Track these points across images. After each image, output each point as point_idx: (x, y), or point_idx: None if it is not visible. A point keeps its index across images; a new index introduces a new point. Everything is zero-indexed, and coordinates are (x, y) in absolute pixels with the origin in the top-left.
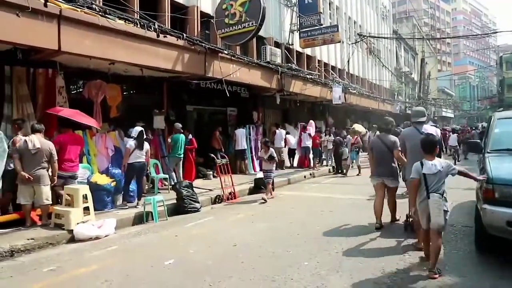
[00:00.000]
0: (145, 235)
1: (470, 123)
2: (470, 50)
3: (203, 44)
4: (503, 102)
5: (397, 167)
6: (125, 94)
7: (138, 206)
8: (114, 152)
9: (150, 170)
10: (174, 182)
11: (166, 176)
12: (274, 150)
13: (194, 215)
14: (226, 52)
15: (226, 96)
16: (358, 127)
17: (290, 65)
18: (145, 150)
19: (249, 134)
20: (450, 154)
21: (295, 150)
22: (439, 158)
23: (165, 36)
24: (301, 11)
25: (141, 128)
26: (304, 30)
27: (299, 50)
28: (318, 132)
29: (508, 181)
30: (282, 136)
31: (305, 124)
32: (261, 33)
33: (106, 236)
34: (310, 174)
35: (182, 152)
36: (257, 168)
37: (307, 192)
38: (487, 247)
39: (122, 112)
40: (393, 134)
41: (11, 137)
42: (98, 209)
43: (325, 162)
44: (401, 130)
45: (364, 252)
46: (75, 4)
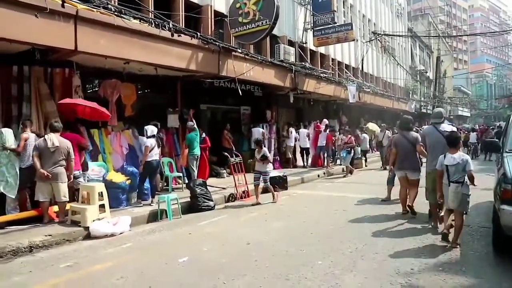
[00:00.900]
0: (159, 233)
1: (487, 122)
2: (487, 48)
3: (217, 43)
4: None
5: (419, 161)
6: (139, 93)
7: (152, 204)
8: (129, 150)
9: (165, 169)
10: (188, 181)
11: (180, 174)
12: (267, 150)
13: (208, 213)
14: (239, 51)
15: (240, 95)
16: (372, 126)
17: (303, 63)
18: (159, 148)
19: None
20: (469, 150)
21: (309, 149)
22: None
23: (179, 35)
24: (314, 10)
25: (155, 127)
26: (317, 28)
27: (313, 48)
28: (332, 131)
29: None
30: (304, 135)
31: (318, 122)
32: (274, 31)
33: (121, 233)
34: (324, 173)
35: (197, 150)
36: (271, 166)
37: (321, 191)
38: (505, 249)
39: (136, 111)
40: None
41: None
42: (113, 206)
43: (338, 161)
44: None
45: (378, 251)
46: (91, 4)
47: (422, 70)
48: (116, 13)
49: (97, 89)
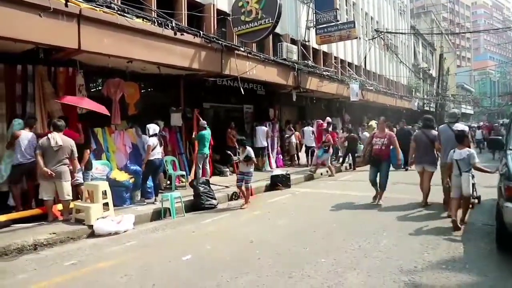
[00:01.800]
0: (163, 231)
1: (490, 120)
2: (491, 45)
3: (220, 41)
4: None
5: (436, 156)
6: (142, 91)
7: (155, 202)
8: (132, 149)
9: (168, 167)
10: (192, 179)
11: (183, 173)
12: (251, 150)
13: (211, 212)
14: (242, 49)
15: (242, 93)
16: (375, 124)
17: (306, 62)
18: (162, 147)
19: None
20: (476, 146)
21: (314, 147)
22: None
23: (182, 34)
24: (317, 8)
25: (157, 126)
26: (320, 26)
27: (316, 46)
28: (335, 129)
29: None
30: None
31: (321, 121)
32: (277, 30)
33: (125, 231)
34: (327, 171)
35: (207, 149)
36: (273, 165)
37: (324, 189)
38: (509, 246)
39: (140, 109)
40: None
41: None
42: (117, 205)
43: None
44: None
45: (381, 249)
46: (94, 3)
47: (425, 67)
48: (119, 12)
49: (100, 88)
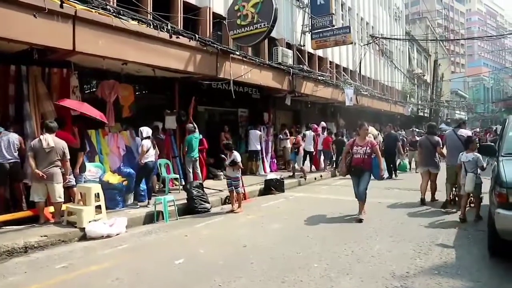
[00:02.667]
0: (155, 234)
1: (484, 126)
2: (484, 52)
3: (215, 45)
4: None
5: (438, 159)
6: (137, 94)
7: (148, 205)
8: (126, 151)
9: (162, 170)
10: (185, 182)
11: (177, 176)
12: (238, 154)
13: (204, 215)
14: (237, 53)
15: (237, 97)
16: (371, 130)
17: (301, 66)
18: (156, 149)
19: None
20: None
21: (312, 153)
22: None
23: (177, 37)
24: (313, 12)
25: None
26: (316, 31)
27: (311, 51)
28: (329, 133)
29: None
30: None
31: (316, 125)
32: (272, 34)
33: (117, 234)
34: (321, 176)
35: (195, 153)
36: (267, 169)
37: (318, 194)
38: (501, 252)
39: (134, 112)
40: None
41: (28, 135)
42: (110, 207)
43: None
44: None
45: (374, 255)
46: (90, 5)
47: (419, 73)
48: (114, 14)
49: (94, 89)
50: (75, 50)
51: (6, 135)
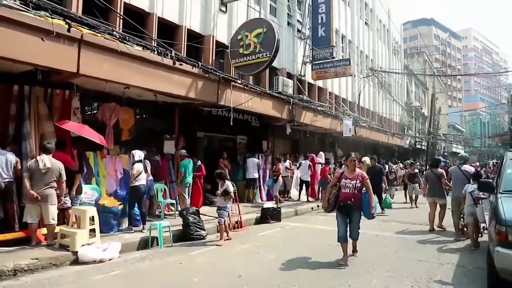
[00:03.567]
0: (149, 261)
1: (481, 160)
2: (481, 87)
3: (217, 73)
4: None
5: (444, 189)
6: (137, 117)
7: (143, 230)
8: (123, 175)
9: (158, 195)
10: (181, 209)
11: (174, 201)
12: (231, 184)
13: (200, 243)
14: (239, 81)
15: (237, 124)
16: (365, 159)
17: (301, 96)
18: (148, 173)
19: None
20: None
21: (308, 182)
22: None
23: (181, 64)
24: (314, 44)
25: (142, 152)
26: (316, 62)
27: (311, 81)
28: (328, 164)
29: None
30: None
31: (314, 155)
32: (274, 64)
33: (110, 259)
34: (318, 206)
35: (190, 178)
36: (264, 197)
37: (314, 224)
38: None
39: (133, 135)
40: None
41: (25, 155)
42: (104, 231)
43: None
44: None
45: None
46: (97, 30)
47: (417, 106)
48: (120, 39)
49: (95, 112)
50: (79, 73)
51: (4, 155)
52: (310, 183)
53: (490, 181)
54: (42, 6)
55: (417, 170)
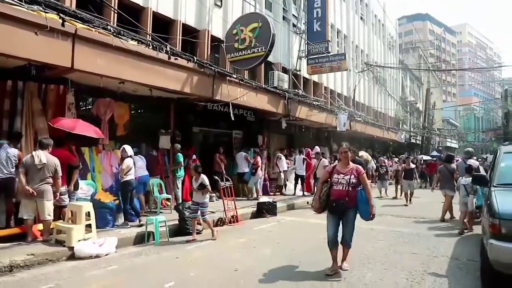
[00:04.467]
0: (145, 256)
1: (475, 154)
2: (475, 82)
3: (212, 67)
4: (508, 134)
5: (455, 183)
6: (132, 113)
7: (141, 221)
8: (119, 170)
9: (154, 190)
10: (177, 203)
11: (169, 196)
12: (206, 177)
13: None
14: (234, 76)
15: (232, 119)
16: (367, 156)
17: (297, 91)
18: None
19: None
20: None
21: (304, 176)
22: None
23: (176, 58)
24: (309, 39)
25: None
26: (312, 57)
27: (306, 76)
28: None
29: None
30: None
31: (310, 149)
32: (269, 58)
33: (106, 255)
34: (307, 203)
35: (182, 172)
36: (260, 192)
37: (310, 218)
38: (494, 284)
39: (128, 130)
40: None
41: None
42: (100, 226)
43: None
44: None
45: (367, 283)
46: (91, 24)
47: (412, 101)
48: (114, 33)
49: (90, 107)
50: (73, 68)
51: (5, 149)
52: (305, 178)
53: (484, 174)
54: (35, 0)
55: (413, 165)
